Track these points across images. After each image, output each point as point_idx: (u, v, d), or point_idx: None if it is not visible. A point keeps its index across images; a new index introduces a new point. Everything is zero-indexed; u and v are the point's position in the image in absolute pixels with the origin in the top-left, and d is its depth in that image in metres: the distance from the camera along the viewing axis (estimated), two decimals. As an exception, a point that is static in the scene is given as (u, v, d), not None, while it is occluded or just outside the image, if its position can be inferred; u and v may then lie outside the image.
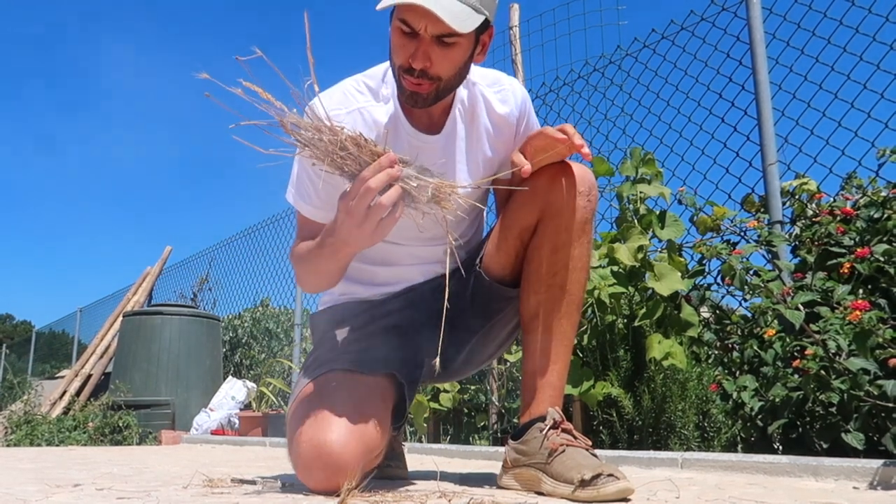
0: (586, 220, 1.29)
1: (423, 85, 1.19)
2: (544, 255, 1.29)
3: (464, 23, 1.12)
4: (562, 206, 1.27)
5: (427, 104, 1.24)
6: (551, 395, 1.26)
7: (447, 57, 1.18)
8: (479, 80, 1.39)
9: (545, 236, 1.29)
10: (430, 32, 1.14)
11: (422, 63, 1.16)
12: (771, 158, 2.52)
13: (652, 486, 1.33)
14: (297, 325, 5.47)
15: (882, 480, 1.35)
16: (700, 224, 2.66)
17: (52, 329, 14.03)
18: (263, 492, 1.24)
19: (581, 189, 1.27)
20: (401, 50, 1.18)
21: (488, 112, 1.39)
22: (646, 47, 3.24)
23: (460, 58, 1.20)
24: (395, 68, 1.22)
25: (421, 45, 1.15)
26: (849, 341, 1.76)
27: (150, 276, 8.28)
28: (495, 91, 1.39)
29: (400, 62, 1.19)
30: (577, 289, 1.30)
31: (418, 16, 1.12)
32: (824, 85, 2.56)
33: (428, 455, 2.57)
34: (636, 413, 2.26)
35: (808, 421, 1.89)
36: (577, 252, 1.29)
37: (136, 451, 3.55)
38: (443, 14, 1.10)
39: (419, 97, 1.21)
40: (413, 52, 1.16)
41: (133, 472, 1.88)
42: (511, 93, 1.40)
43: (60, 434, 4.65)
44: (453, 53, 1.18)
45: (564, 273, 1.28)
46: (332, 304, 1.52)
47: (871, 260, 2.00)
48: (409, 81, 1.20)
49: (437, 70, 1.18)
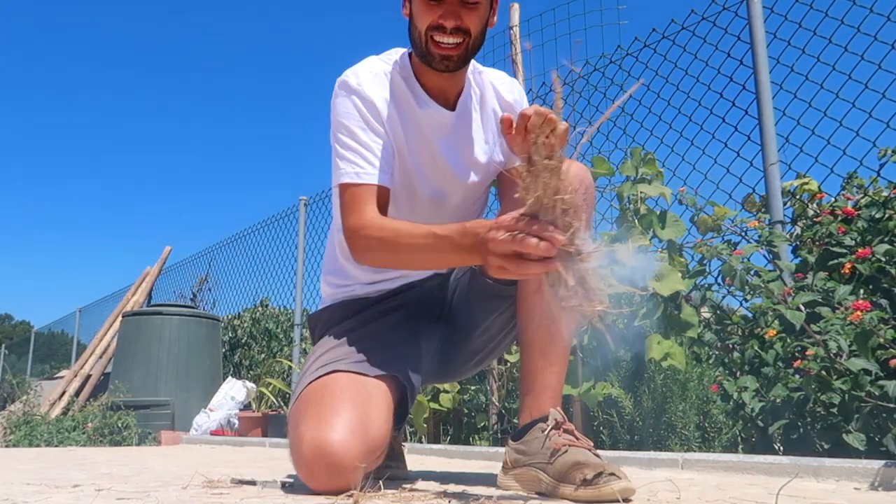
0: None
1: (455, 47, 1.27)
2: None
3: None
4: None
5: (458, 66, 1.31)
6: (552, 396, 1.25)
7: (474, 15, 1.27)
8: (484, 70, 1.46)
9: None
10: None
11: (454, 20, 1.25)
12: (772, 158, 2.52)
13: (653, 487, 1.32)
14: (297, 325, 5.47)
15: (883, 481, 1.35)
16: (701, 224, 2.66)
17: (51, 329, 14.03)
18: (263, 492, 1.24)
19: (578, 188, 1.25)
20: (428, 12, 1.26)
21: (497, 97, 1.46)
22: (646, 47, 3.24)
23: (483, 16, 1.29)
24: (420, 33, 1.28)
25: (450, 6, 1.25)
26: (850, 342, 1.76)
27: (149, 276, 8.28)
28: (500, 82, 1.47)
29: (429, 22, 1.26)
30: None
31: None
32: (825, 84, 2.56)
33: (428, 455, 2.57)
34: (636, 413, 2.26)
35: (809, 421, 1.89)
36: None
37: (136, 451, 3.54)
38: None
39: (451, 59, 1.29)
40: (443, 12, 1.25)
41: (132, 472, 1.88)
42: (514, 85, 1.49)
43: (59, 434, 4.65)
44: (478, 11, 1.27)
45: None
46: (331, 303, 1.52)
47: (873, 260, 1.99)
48: (440, 45, 1.27)
49: (467, 24, 1.26)
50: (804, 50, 2.64)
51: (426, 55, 1.30)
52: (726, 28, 2.89)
